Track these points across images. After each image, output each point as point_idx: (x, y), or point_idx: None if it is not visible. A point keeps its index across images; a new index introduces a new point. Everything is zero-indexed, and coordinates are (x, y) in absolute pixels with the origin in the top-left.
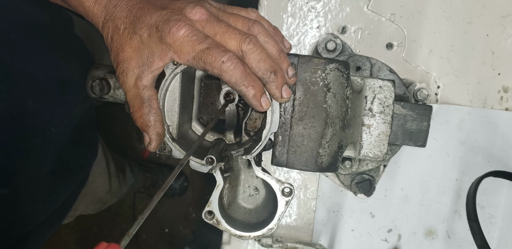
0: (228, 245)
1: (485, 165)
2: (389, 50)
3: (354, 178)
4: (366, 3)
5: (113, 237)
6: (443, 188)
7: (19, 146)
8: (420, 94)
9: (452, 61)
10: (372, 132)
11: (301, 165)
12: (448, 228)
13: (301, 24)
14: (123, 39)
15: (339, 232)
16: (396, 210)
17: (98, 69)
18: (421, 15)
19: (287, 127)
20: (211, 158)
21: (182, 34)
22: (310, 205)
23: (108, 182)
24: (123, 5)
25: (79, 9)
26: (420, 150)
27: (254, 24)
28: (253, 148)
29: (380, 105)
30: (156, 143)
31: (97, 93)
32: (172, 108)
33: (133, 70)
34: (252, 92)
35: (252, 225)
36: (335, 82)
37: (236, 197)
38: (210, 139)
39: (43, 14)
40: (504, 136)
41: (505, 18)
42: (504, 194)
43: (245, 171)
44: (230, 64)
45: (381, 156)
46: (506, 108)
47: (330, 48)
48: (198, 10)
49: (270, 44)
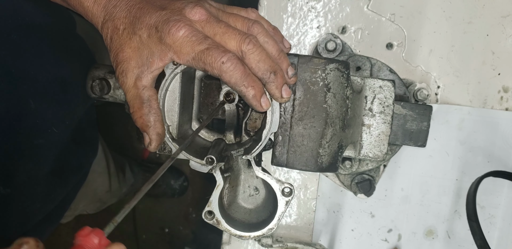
0: (228, 245)
1: (485, 165)
2: (389, 50)
3: (354, 178)
4: (366, 3)
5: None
6: (443, 188)
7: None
8: (420, 94)
9: (452, 61)
10: (372, 132)
11: (301, 165)
12: (448, 228)
13: (301, 24)
14: (122, 39)
15: (339, 232)
16: (396, 210)
17: (98, 69)
18: (421, 15)
19: (287, 127)
20: (211, 158)
21: (182, 35)
22: (310, 205)
23: (108, 181)
24: (123, 6)
25: (79, 9)
26: (420, 150)
27: (253, 24)
28: (253, 148)
29: (380, 105)
30: (156, 143)
31: (97, 93)
32: (172, 108)
33: (132, 70)
34: (252, 93)
35: (252, 225)
36: (335, 82)
37: (236, 197)
38: (210, 139)
39: (45, 14)
40: (504, 136)
41: (505, 18)
42: (504, 194)
43: (245, 171)
44: (230, 64)
45: (381, 156)
46: (506, 108)
47: (330, 48)
48: (197, 11)
49: (269, 44)
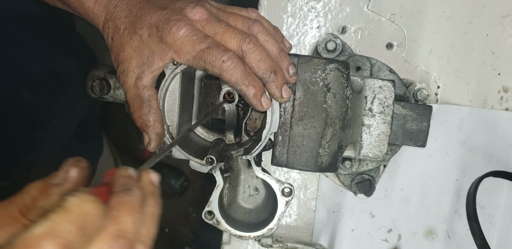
0: (228, 245)
1: (485, 165)
2: (389, 50)
3: (354, 178)
4: (366, 3)
5: None
6: (443, 188)
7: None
8: (420, 94)
9: (452, 61)
10: (372, 132)
11: (301, 165)
12: (448, 228)
13: (301, 24)
14: (123, 39)
15: (339, 232)
16: (396, 210)
17: (98, 69)
18: (421, 15)
19: (287, 127)
20: (211, 158)
21: (183, 34)
22: (310, 205)
23: None
24: (124, 5)
25: (80, 10)
26: (420, 150)
27: (254, 23)
28: (253, 148)
29: (380, 105)
30: (155, 143)
31: (97, 93)
32: (172, 108)
33: (133, 70)
34: (252, 92)
35: (252, 225)
36: (335, 82)
37: (236, 197)
38: (210, 139)
39: (39, 7)
40: (504, 136)
41: (505, 18)
42: (504, 194)
43: (245, 171)
44: (230, 63)
45: (381, 156)
46: (506, 108)
47: (330, 48)
48: (198, 10)
49: (270, 43)
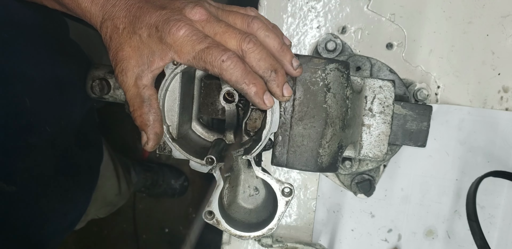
0: (228, 245)
1: (485, 165)
2: (389, 50)
3: (354, 178)
4: (366, 3)
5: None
6: (443, 188)
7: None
8: (420, 94)
9: (452, 61)
10: (372, 132)
11: (301, 165)
12: (448, 228)
13: (301, 24)
14: (122, 38)
15: (339, 232)
16: (396, 210)
17: (98, 69)
18: (421, 15)
19: (287, 127)
20: (211, 158)
21: (182, 34)
22: (310, 205)
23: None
24: (122, 5)
25: (77, 11)
26: (420, 150)
27: (253, 20)
28: (253, 148)
29: (380, 105)
30: (153, 143)
31: (97, 93)
32: (172, 108)
33: (132, 69)
34: (253, 90)
35: (252, 225)
36: (335, 82)
37: (236, 197)
38: (210, 139)
39: (35, 15)
40: (504, 136)
41: (505, 18)
42: (504, 194)
43: (245, 171)
44: (230, 63)
45: (381, 156)
46: (506, 108)
47: (330, 48)
48: (197, 10)
49: (271, 37)
